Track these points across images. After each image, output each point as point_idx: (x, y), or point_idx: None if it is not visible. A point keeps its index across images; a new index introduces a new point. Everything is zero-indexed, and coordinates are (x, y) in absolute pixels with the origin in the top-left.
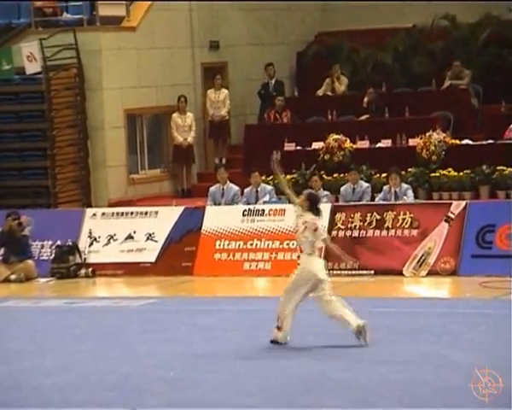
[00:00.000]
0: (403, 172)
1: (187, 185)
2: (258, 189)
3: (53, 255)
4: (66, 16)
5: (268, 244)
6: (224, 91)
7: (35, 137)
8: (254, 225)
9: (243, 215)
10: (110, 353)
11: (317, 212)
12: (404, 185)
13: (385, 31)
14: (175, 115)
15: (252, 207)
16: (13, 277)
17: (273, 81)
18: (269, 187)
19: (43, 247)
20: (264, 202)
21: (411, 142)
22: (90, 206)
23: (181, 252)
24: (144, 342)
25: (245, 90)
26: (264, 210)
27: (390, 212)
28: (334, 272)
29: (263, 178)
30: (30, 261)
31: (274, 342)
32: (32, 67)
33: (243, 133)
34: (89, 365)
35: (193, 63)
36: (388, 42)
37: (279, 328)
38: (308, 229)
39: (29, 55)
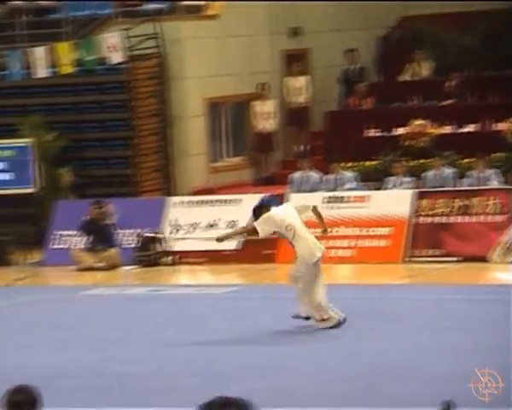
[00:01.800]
0: (489, 157)
1: (267, 173)
2: (339, 176)
3: (137, 244)
4: (148, 6)
5: (349, 231)
6: (304, 78)
7: (118, 127)
8: (335, 212)
9: (324, 202)
10: (193, 340)
11: (254, 216)
12: (490, 170)
13: (469, 14)
14: (255, 103)
15: (332, 194)
16: (99, 264)
17: (355, 67)
18: (350, 174)
19: (127, 235)
20: (346, 189)
21: (499, 126)
22: (172, 194)
23: (262, 239)
24: (227, 329)
25: (326, 77)
26: (345, 197)
27: (477, 197)
28: (421, 259)
29: (342, 164)
30: (114, 250)
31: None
32: (115, 57)
33: (324, 120)
34: (172, 352)
35: (272, 50)
36: (473, 25)
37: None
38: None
39: (111, 45)
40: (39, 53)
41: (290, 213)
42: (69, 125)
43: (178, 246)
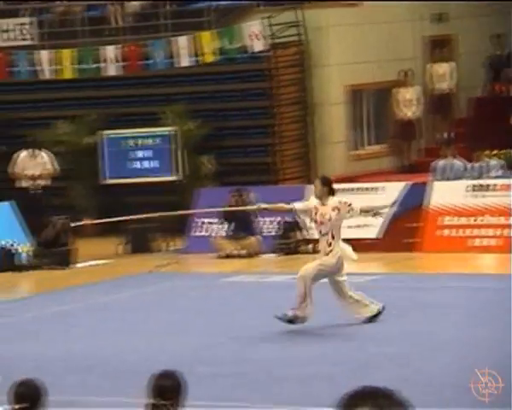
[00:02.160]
0: None
1: (409, 161)
2: (484, 164)
3: (277, 231)
4: None
5: (495, 220)
6: (448, 64)
7: (259, 115)
8: (480, 200)
9: (468, 191)
10: (332, 328)
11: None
12: None
13: None
14: (398, 90)
15: (477, 182)
16: (240, 252)
17: (502, 52)
18: (495, 162)
19: (267, 223)
20: (491, 177)
21: None
22: (312, 182)
23: (404, 228)
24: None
25: (471, 63)
26: (490, 185)
27: None
28: None
29: (487, 152)
30: (255, 237)
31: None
32: (257, 46)
33: (468, 107)
34: (311, 340)
35: (414, 37)
36: None
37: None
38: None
39: (253, 33)
40: (182, 42)
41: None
42: (211, 113)
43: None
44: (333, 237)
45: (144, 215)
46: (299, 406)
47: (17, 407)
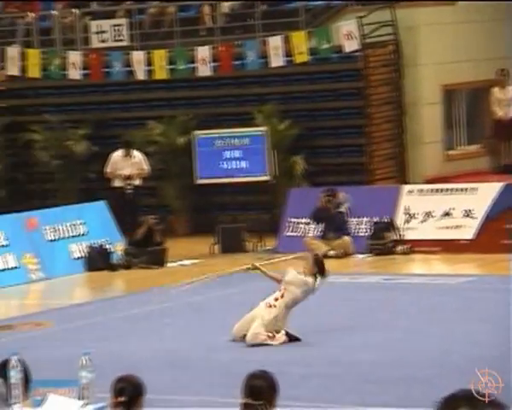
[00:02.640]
0: None
1: (507, 161)
2: None
3: (370, 232)
4: None
5: None
6: None
7: (351, 115)
8: None
9: None
10: (427, 330)
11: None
12: None
13: None
14: (495, 89)
15: None
16: (331, 252)
17: None
18: None
19: (360, 223)
20: None
21: None
22: (406, 182)
23: (500, 229)
24: (461, 320)
25: None
26: None
27: None
28: None
29: None
30: (347, 238)
31: None
32: (350, 45)
33: None
34: (407, 341)
35: (510, 36)
36: None
37: None
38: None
39: (347, 33)
40: (275, 42)
41: None
42: (303, 113)
43: (412, 235)
44: None
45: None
46: (392, 408)
47: (116, 400)
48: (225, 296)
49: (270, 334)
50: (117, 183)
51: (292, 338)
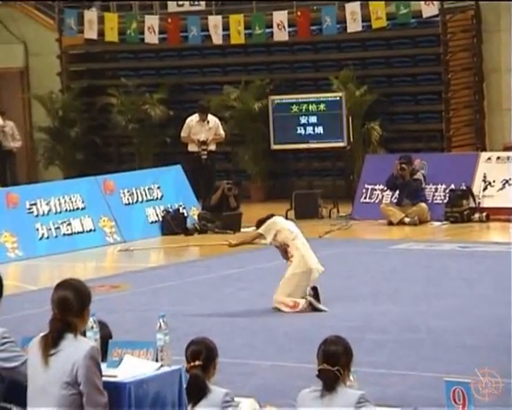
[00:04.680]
0: None
1: None
2: None
3: (446, 199)
4: None
5: None
6: None
7: (429, 81)
8: None
9: None
10: (504, 298)
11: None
12: None
13: None
14: None
15: None
16: (407, 219)
17: None
18: None
19: (436, 190)
20: None
21: None
22: (483, 150)
23: None
24: None
25: None
26: None
27: None
28: None
29: None
30: (423, 205)
31: None
32: (429, 10)
33: None
34: (482, 310)
35: None
36: None
37: None
38: None
39: None
40: (353, 7)
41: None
42: (380, 79)
43: (489, 202)
44: None
45: None
46: (468, 375)
47: (191, 364)
48: None
49: (291, 302)
50: (192, 147)
51: (315, 308)
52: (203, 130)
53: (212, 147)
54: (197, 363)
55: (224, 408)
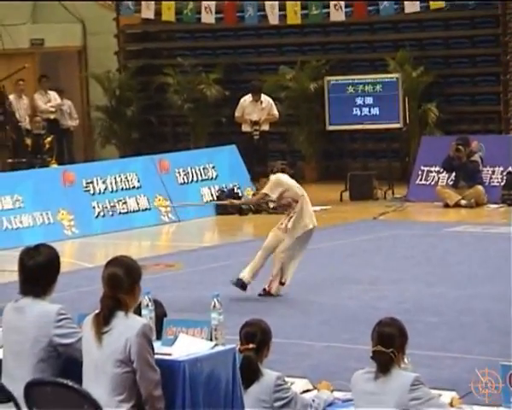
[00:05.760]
0: None
1: None
2: None
3: (504, 182)
4: None
5: None
6: None
7: (488, 62)
8: None
9: None
10: None
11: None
12: None
13: None
14: None
15: None
16: (463, 202)
17: None
18: None
19: (493, 173)
20: None
21: None
22: None
23: None
24: None
25: None
26: None
27: None
28: None
29: None
30: (480, 187)
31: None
32: None
33: None
34: None
35: None
36: None
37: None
38: None
39: None
40: None
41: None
42: (438, 60)
43: None
44: None
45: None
46: None
47: (245, 346)
48: (358, 243)
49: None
50: (245, 128)
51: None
52: (256, 110)
53: (266, 127)
54: (251, 346)
55: (275, 392)
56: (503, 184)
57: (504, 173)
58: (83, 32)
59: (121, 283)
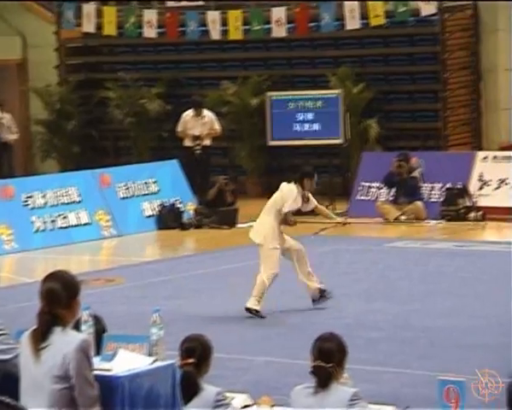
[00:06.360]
0: None
1: None
2: None
3: (443, 198)
4: None
5: None
6: None
7: (427, 79)
8: None
9: None
10: (499, 298)
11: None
12: None
13: None
14: None
15: None
16: (403, 217)
17: None
18: None
19: (433, 189)
20: None
21: None
22: (480, 149)
23: None
24: None
25: None
26: None
27: None
28: None
29: None
30: (419, 203)
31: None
32: (428, 9)
33: None
34: (478, 309)
35: None
36: None
37: None
38: None
39: None
40: (351, 4)
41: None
42: (378, 76)
43: (485, 202)
44: None
45: None
46: (462, 374)
47: (184, 361)
48: None
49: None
50: (187, 142)
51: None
52: (198, 125)
53: (207, 142)
54: (190, 360)
55: (215, 407)
56: (442, 199)
57: (443, 189)
58: (23, 45)
59: (59, 298)
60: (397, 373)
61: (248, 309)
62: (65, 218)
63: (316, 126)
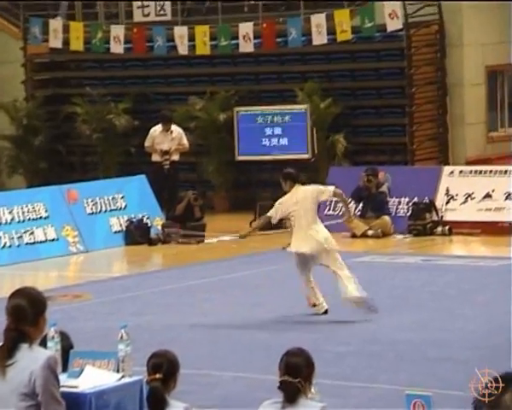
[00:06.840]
0: None
1: None
2: None
3: (410, 212)
4: None
5: None
6: None
7: (393, 94)
8: None
9: None
10: (467, 312)
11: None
12: None
13: None
14: None
15: None
16: (370, 232)
17: None
18: None
19: (400, 203)
20: None
21: None
22: (447, 163)
23: None
24: (500, 303)
25: None
26: None
27: None
28: None
29: None
30: (386, 217)
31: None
32: (394, 24)
33: None
34: (445, 322)
35: None
36: None
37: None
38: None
39: (391, 12)
40: (318, 20)
41: (300, 197)
42: (345, 91)
43: (452, 216)
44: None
45: None
46: (430, 388)
47: (152, 377)
48: (266, 273)
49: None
50: (155, 157)
51: None
52: (166, 140)
53: (175, 157)
54: (157, 376)
55: None
56: (409, 214)
57: (410, 204)
58: None
59: (25, 314)
60: (364, 388)
61: (359, 298)
62: (32, 234)
63: (283, 141)
